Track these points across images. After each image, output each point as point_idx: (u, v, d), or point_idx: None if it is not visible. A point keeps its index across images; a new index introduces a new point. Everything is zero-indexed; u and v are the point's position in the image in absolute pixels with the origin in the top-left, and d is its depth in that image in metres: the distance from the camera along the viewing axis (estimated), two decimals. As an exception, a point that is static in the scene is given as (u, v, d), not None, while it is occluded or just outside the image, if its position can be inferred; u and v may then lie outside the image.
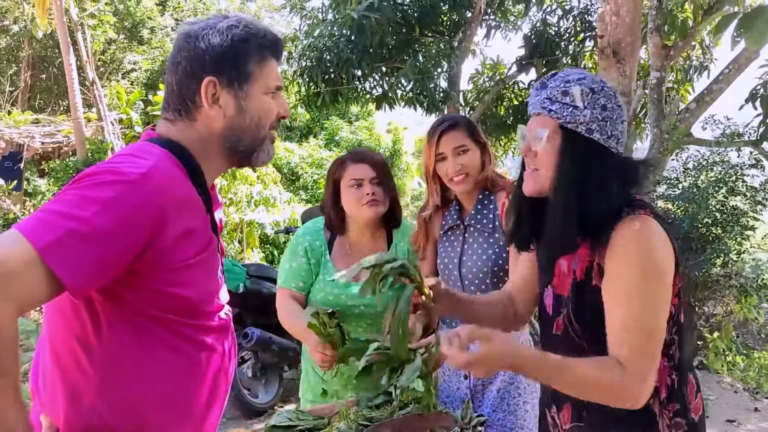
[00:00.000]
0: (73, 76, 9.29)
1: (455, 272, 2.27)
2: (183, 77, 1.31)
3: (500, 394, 2.18)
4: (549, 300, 1.58)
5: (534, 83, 1.54)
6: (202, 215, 1.31)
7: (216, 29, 1.30)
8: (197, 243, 1.26)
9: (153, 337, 1.25)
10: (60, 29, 9.18)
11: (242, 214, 9.98)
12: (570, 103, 1.41)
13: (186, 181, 1.27)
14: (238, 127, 1.33)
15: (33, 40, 12.17)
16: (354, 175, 2.29)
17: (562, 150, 1.43)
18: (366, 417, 2.01)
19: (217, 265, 1.40)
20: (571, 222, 1.43)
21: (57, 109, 13.31)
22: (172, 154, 1.27)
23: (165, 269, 1.21)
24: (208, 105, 1.30)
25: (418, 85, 7.86)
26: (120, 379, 1.24)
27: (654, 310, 1.35)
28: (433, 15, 8.50)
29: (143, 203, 1.14)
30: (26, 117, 10.27)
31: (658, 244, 1.37)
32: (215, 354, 1.37)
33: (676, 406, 1.45)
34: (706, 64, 8.22)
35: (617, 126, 1.44)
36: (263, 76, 1.34)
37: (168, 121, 1.36)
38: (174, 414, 1.31)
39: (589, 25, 8.64)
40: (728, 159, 5.67)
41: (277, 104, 1.38)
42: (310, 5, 9.16)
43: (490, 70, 9.56)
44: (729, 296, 5.77)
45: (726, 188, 5.40)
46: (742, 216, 5.24)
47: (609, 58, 6.10)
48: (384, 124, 18.83)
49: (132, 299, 1.21)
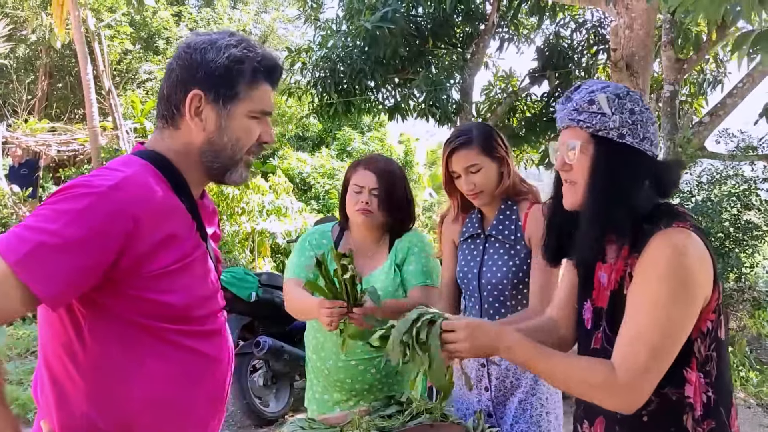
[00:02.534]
0: (89, 85, 9.39)
1: (474, 282, 2.23)
2: (173, 85, 1.34)
3: (522, 405, 2.14)
4: (588, 314, 1.56)
5: (558, 98, 1.55)
6: (186, 222, 1.33)
7: (215, 45, 1.33)
8: (179, 250, 1.28)
9: (138, 343, 1.26)
10: (77, 39, 9.30)
11: (254, 223, 10.02)
12: (597, 111, 1.41)
13: (167, 190, 1.30)
14: (215, 143, 1.35)
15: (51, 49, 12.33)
16: (358, 180, 2.35)
17: (596, 158, 1.43)
18: (378, 426, 2.02)
19: (208, 271, 1.41)
20: (596, 230, 1.43)
21: (73, 118, 13.45)
22: (153, 165, 1.31)
23: (144, 276, 1.22)
24: (190, 116, 1.33)
25: (430, 97, 7.87)
26: (107, 386, 1.26)
27: (670, 330, 1.33)
28: (446, 27, 8.54)
29: (113, 213, 1.16)
30: (43, 125, 10.39)
31: (694, 262, 1.34)
32: (208, 360, 1.38)
33: (711, 424, 1.41)
34: (720, 78, 8.20)
35: (648, 128, 1.43)
36: (251, 99, 1.36)
37: (157, 129, 1.40)
38: (167, 420, 1.32)
39: (602, 38, 8.64)
40: (742, 173, 5.64)
41: (261, 129, 1.40)
42: (324, 17, 9.25)
43: (502, 81, 9.57)
44: (742, 311, 5.73)
45: (740, 202, 5.37)
46: (755, 230, 5.21)
47: (622, 72, 6.10)
48: (396, 135, 18.88)
49: (113, 307, 1.23)
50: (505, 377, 2.17)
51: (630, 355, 1.33)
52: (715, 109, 6.56)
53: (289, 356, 4.44)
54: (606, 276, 1.49)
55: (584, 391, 1.40)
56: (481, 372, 2.20)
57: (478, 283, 2.23)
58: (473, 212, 2.31)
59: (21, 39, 12.84)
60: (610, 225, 1.42)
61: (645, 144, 1.42)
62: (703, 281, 1.35)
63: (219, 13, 14.34)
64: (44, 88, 13.42)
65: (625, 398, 1.34)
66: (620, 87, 1.44)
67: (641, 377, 1.32)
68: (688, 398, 1.39)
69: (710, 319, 1.39)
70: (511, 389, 2.16)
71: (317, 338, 2.43)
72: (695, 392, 1.39)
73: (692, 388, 1.39)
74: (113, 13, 11.67)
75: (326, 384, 2.42)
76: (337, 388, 2.40)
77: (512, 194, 2.22)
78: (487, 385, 2.18)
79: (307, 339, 2.51)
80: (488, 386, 2.19)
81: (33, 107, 12.91)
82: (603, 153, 1.42)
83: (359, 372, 2.36)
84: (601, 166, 1.42)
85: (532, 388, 2.15)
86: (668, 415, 1.40)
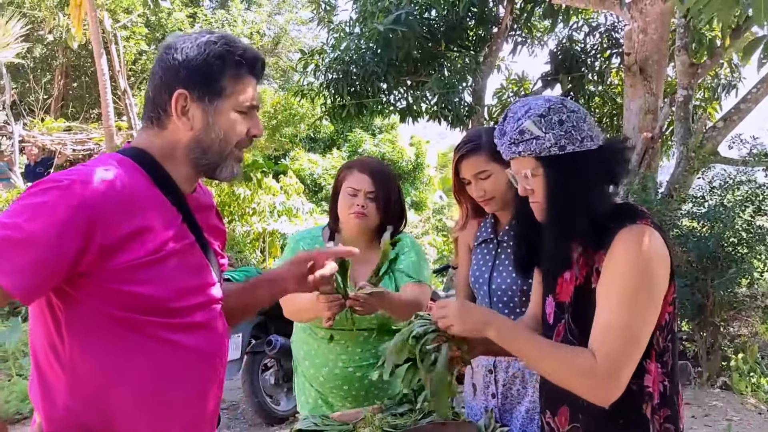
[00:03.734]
0: (106, 86, 9.49)
1: (485, 287, 2.23)
2: (158, 87, 1.35)
3: (529, 414, 2.13)
4: (550, 309, 1.64)
5: (495, 132, 1.62)
6: (167, 215, 1.33)
7: (195, 43, 1.34)
8: (153, 241, 1.27)
9: (115, 336, 1.26)
10: (94, 40, 9.39)
11: (265, 223, 10.07)
12: (531, 137, 1.48)
13: (146, 184, 1.31)
14: (203, 141, 1.36)
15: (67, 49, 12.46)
16: (352, 183, 2.31)
17: (548, 176, 1.51)
18: (390, 424, 2.03)
19: (197, 263, 1.40)
20: (561, 240, 1.52)
21: (89, 118, 13.58)
22: (133, 161, 1.32)
23: (115, 269, 1.22)
24: (177, 116, 1.33)
25: (443, 99, 7.89)
26: (88, 379, 1.26)
27: (641, 317, 1.41)
28: (459, 30, 8.56)
29: (74, 207, 1.17)
30: (59, 124, 10.49)
31: (656, 255, 1.43)
32: (192, 354, 1.36)
33: (667, 411, 1.50)
34: (734, 83, 8.15)
35: (583, 127, 1.49)
36: (236, 93, 1.36)
37: (142, 129, 1.42)
38: (150, 415, 1.31)
39: (615, 42, 8.64)
40: (755, 178, 5.62)
41: (249, 123, 1.40)
42: (337, 19, 9.31)
43: (515, 85, 9.58)
44: (754, 317, 5.70)
45: (753, 207, 5.35)
46: (767, 235, 5.19)
47: (636, 76, 6.10)
48: (407, 137, 18.91)
49: (88, 300, 1.24)
50: (512, 384, 2.16)
51: (606, 344, 1.40)
52: (729, 114, 6.52)
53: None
54: (569, 273, 1.56)
55: (565, 376, 1.46)
56: (489, 378, 2.19)
57: (488, 289, 2.22)
58: (488, 217, 2.31)
59: (38, 39, 12.97)
60: (572, 232, 1.51)
61: (586, 143, 1.48)
62: (663, 276, 1.44)
63: (233, 15, 14.43)
64: (60, 87, 13.56)
65: (605, 386, 1.40)
66: (540, 105, 1.50)
67: (618, 367, 1.39)
68: (648, 387, 1.47)
69: (668, 312, 1.48)
70: (518, 397, 2.16)
71: (309, 344, 2.41)
72: (654, 382, 1.48)
73: (651, 378, 1.48)
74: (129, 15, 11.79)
75: (321, 390, 2.40)
76: (333, 394, 2.38)
77: None
78: (494, 391, 2.18)
79: (296, 344, 2.48)
80: (495, 393, 2.18)
81: (49, 107, 13.05)
82: (552, 170, 1.50)
83: (356, 378, 2.34)
84: (554, 182, 1.50)
85: None
86: (629, 404, 1.47)
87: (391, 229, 2.18)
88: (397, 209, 2.39)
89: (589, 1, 6.49)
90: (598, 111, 9.25)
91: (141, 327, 1.28)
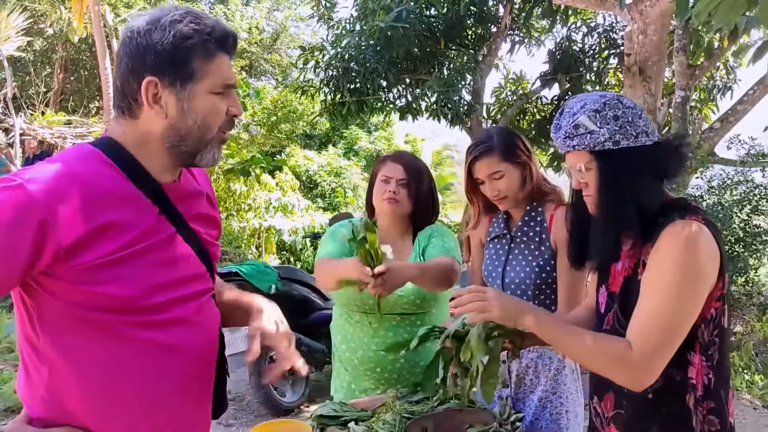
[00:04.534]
0: (108, 79, 9.47)
1: (498, 281, 2.29)
2: (125, 75, 1.25)
3: (542, 403, 2.20)
4: (602, 298, 1.68)
5: (551, 127, 1.67)
6: (139, 208, 1.26)
7: (159, 25, 1.22)
8: (122, 237, 1.20)
9: (85, 334, 1.21)
10: (97, 33, 9.36)
11: (261, 219, 10.10)
12: (585, 131, 1.52)
13: (116, 176, 1.24)
14: (180, 128, 1.27)
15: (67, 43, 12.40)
16: (386, 172, 2.43)
17: (601, 171, 1.54)
18: (408, 410, 2.08)
19: (177, 256, 1.32)
20: (610, 233, 1.56)
21: (87, 112, 13.52)
22: (103, 153, 1.24)
23: (78, 268, 1.16)
24: (149, 105, 1.24)
25: (442, 97, 7.94)
26: (62, 374, 1.23)
27: (681, 309, 1.44)
28: (458, 28, 8.61)
29: (23, 207, 1.11)
30: (59, 118, 10.47)
31: (704, 251, 1.44)
32: (170, 351, 1.29)
33: (711, 404, 1.52)
34: (730, 85, 8.26)
35: (638, 123, 1.53)
36: (210, 74, 1.26)
37: (114, 119, 1.32)
38: (127, 411, 1.27)
39: (613, 43, 8.71)
40: (752, 179, 5.71)
41: (227, 103, 1.30)
42: (337, 16, 9.32)
43: (512, 84, 9.65)
44: (750, 314, 5.80)
45: (750, 207, 5.44)
46: (764, 234, 5.28)
47: (635, 76, 6.16)
48: (402, 135, 18.95)
49: (53, 299, 1.19)
50: (525, 374, 2.22)
51: (643, 336, 1.44)
52: (726, 115, 6.62)
53: (307, 348, 4.52)
54: (621, 263, 1.61)
55: (600, 364, 1.51)
56: (502, 368, 2.23)
57: (502, 282, 2.28)
58: (499, 213, 2.36)
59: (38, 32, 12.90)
60: (622, 225, 1.54)
61: (641, 138, 1.52)
62: (710, 271, 1.46)
63: (231, 10, 14.40)
64: (60, 81, 13.50)
65: (637, 375, 1.44)
66: (595, 100, 1.54)
67: (652, 357, 1.43)
68: (691, 379, 1.50)
69: (714, 307, 1.50)
70: (531, 387, 2.21)
71: (346, 329, 2.49)
72: (697, 374, 1.50)
73: (695, 370, 1.50)
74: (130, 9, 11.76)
75: (355, 373, 2.48)
76: (367, 377, 2.45)
77: (537, 196, 2.27)
78: (507, 381, 2.23)
79: (334, 330, 2.56)
80: (508, 382, 2.23)
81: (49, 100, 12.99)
82: (605, 164, 1.53)
83: (389, 361, 2.41)
84: (607, 176, 1.54)
85: (553, 387, 2.20)
86: (672, 394, 1.51)
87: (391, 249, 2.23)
88: (428, 199, 2.48)
89: (590, 2, 6.54)
90: (595, 111, 9.31)
91: (110, 326, 1.22)
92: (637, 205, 1.52)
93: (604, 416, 1.66)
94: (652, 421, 1.54)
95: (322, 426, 2.09)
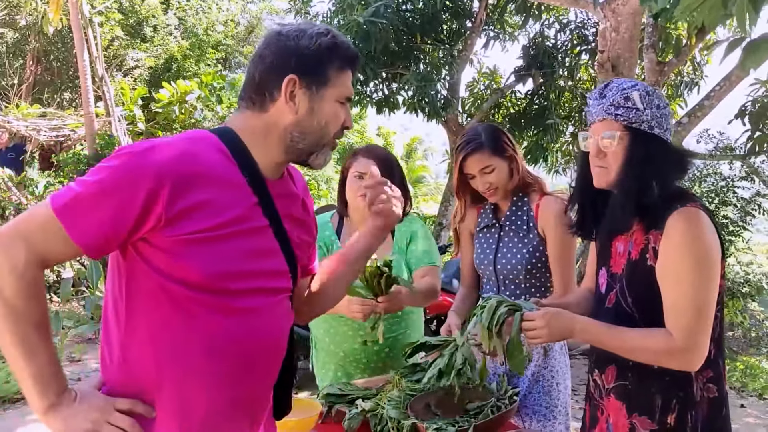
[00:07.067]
0: (86, 72, 9.36)
1: (490, 268, 2.45)
2: (268, 70, 1.38)
3: (535, 377, 2.36)
4: (603, 279, 1.82)
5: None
6: (238, 195, 1.34)
7: (306, 33, 1.39)
8: (214, 218, 1.28)
9: (161, 303, 1.29)
10: (75, 25, 9.23)
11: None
12: (632, 106, 1.64)
13: (225, 162, 1.33)
14: (305, 125, 1.40)
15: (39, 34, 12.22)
16: (359, 168, 2.48)
17: (631, 147, 1.67)
18: (411, 389, 2.20)
19: (265, 249, 1.39)
20: (630, 206, 1.67)
21: (61, 103, 13.33)
22: (218, 138, 1.36)
23: (173, 238, 1.25)
24: (285, 100, 1.37)
25: (419, 92, 8.03)
26: (135, 339, 1.32)
27: (705, 291, 1.57)
28: (434, 23, 8.69)
29: (138, 169, 1.22)
30: (34, 110, 10.32)
31: (709, 234, 1.58)
32: (236, 341, 1.35)
33: (710, 373, 1.66)
34: (697, 81, 8.51)
35: (670, 121, 1.70)
36: (339, 84, 1.42)
37: (238, 110, 1.45)
38: (192, 384, 1.33)
39: (585, 39, 8.90)
40: (720, 171, 5.91)
41: (344, 114, 1.45)
42: (314, 10, 9.33)
43: (486, 78, 9.79)
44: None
45: (718, 199, 5.63)
46: (731, 225, 5.49)
47: (608, 73, 6.35)
48: (374, 128, 19.04)
49: (143, 264, 1.28)
50: None
51: (680, 321, 1.57)
52: (694, 110, 6.86)
53: (297, 336, 4.60)
54: (622, 246, 1.74)
55: (650, 357, 1.64)
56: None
57: (494, 269, 2.44)
58: (487, 204, 2.51)
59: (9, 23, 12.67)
60: (642, 203, 1.66)
61: (667, 134, 1.68)
62: (716, 252, 1.60)
63: (207, 2, 14.28)
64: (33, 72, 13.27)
65: (686, 357, 1.58)
66: (646, 86, 1.68)
67: (695, 337, 1.57)
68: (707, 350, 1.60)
69: (720, 285, 1.64)
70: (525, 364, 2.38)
71: (329, 322, 2.56)
72: None
73: None
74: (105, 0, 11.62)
75: (342, 364, 2.58)
76: (353, 366, 2.57)
77: (522, 186, 2.42)
78: (502, 359, 2.40)
79: (315, 324, 2.62)
80: (503, 360, 2.40)
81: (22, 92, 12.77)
82: (636, 142, 1.66)
83: (374, 352, 2.54)
84: (635, 153, 1.66)
85: (544, 362, 2.37)
86: None
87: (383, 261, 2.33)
88: (402, 191, 2.57)
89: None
90: (567, 105, 9.56)
91: (183, 300, 1.29)
92: (656, 188, 1.64)
93: (604, 387, 1.79)
94: (656, 388, 1.67)
95: (331, 404, 2.20)
